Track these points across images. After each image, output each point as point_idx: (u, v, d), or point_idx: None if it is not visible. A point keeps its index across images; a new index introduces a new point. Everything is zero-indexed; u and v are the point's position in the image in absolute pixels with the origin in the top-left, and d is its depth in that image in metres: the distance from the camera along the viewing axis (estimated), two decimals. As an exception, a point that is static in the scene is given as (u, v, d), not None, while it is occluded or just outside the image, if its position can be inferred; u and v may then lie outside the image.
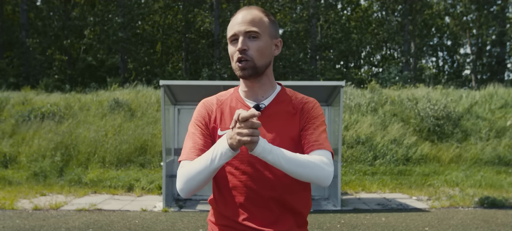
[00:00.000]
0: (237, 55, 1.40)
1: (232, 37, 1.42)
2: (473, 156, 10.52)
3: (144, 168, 9.67)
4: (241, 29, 1.39)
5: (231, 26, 1.43)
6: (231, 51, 1.43)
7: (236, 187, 1.43)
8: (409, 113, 11.96)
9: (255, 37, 1.40)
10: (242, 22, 1.40)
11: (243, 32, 1.39)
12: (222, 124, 1.46)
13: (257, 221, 1.41)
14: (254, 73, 1.41)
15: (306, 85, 6.88)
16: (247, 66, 1.39)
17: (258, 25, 1.41)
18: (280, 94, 1.50)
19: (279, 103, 1.48)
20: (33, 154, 10.05)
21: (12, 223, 5.61)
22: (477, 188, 8.20)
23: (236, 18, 1.43)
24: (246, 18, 1.41)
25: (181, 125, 7.52)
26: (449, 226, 5.62)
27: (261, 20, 1.42)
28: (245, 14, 1.42)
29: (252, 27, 1.39)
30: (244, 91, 1.49)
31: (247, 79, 1.43)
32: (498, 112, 12.46)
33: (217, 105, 1.50)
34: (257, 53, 1.40)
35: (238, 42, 1.40)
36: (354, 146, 10.74)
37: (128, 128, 10.97)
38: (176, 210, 6.51)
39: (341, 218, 6.04)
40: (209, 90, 6.75)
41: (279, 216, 1.43)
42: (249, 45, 1.39)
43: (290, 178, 1.42)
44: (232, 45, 1.43)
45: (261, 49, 1.41)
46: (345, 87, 14.12)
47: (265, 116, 1.44)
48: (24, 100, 12.88)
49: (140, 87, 14.55)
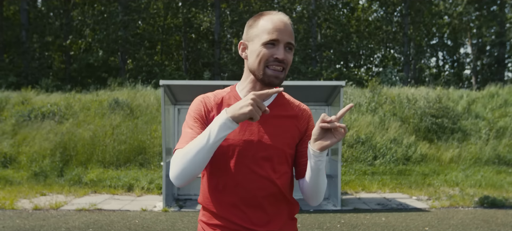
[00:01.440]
0: (273, 61, 1.39)
1: (270, 41, 1.39)
2: (473, 156, 10.52)
3: (143, 168, 9.68)
4: (285, 38, 1.39)
5: (272, 30, 1.38)
6: (264, 54, 1.39)
7: (229, 187, 1.40)
8: (408, 113, 11.97)
9: (291, 49, 1.42)
10: (285, 31, 1.39)
11: (285, 42, 1.39)
12: None
13: (250, 221, 1.39)
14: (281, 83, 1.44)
15: (306, 85, 6.88)
16: (281, 76, 1.41)
17: (293, 37, 1.44)
18: (279, 97, 1.50)
19: (278, 106, 1.48)
20: (33, 154, 10.06)
21: (12, 223, 5.61)
22: (477, 188, 8.20)
23: (277, 23, 1.39)
24: (289, 28, 1.41)
25: (181, 125, 7.52)
26: (449, 226, 5.62)
27: (293, 33, 1.45)
28: (287, 23, 1.41)
29: (292, 40, 1.41)
30: (247, 91, 1.47)
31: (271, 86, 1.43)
32: (498, 112, 12.46)
33: (214, 102, 1.47)
34: (288, 65, 1.43)
35: (275, 47, 1.39)
36: (354, 145, 10.75)
37: (128, 128, 10.97)
38: (176, 210, 6.51)
39: (341, 218, 6.04)
40: (209, 90, 6.74)
41: (273, 215, 1.43)
42: (287, 56, 1.40)
43: (283, 178, 1.43)
44: (266, 48, 1.39)
45: (291, 60, 1.44)
46: (345, 87, 14.12)
47: (264, 117, 1.44)
48: (24, 100, 12.88)
49: (139, 87, 14.55)
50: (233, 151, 1.40)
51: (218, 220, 1.43)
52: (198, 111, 1.44)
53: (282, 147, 1.42)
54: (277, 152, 1.42)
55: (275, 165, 1.42)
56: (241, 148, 1.40)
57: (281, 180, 1.43)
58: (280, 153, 1.42)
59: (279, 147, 1.42)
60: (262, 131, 1.42)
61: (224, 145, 1.40)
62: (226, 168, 1.41)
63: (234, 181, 1.40)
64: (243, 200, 1.40)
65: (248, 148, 1.40)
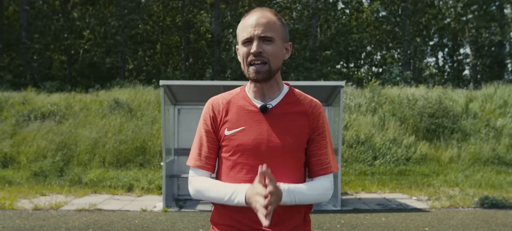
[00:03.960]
0: (251, 57, 1.39)
1: (246, 40, 1.41)
2: (472, 156, 10.52)
3: (144, 168, 9.68)
4: (256, 33, 1.39)
5: (244, 28, 1.42)
6: (243, 53, 1.42)
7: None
8: (408, 113, 11.97)
9: (270, 41, 1.40)
10: (257, 25, 1.39)
11: (258, 36, 1.39)
12: (229, 124, 1.46)
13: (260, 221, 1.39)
14: (268, 77, 1.42)
15: (306, 85, 6.88)
16: (262, 70, 1.40)
17: (272, 29, 1.41)
18: (288, 95, 1.50)
19: (287, 104, 1.48)
20: (33, 154, 10.06)
21: (12, 223, 5.61)
22: (477, 188, 8.20)
23: (250, 20, 1.41)
24: (261, 21, 1.40)
25: (181, 125, 7.52)
26: (449, 226, 5.63)
27: (275, 24, 1.42)
28: (259, 17, 1.41)
29: (267, 32, 1.39)
30: (253, 91, 1.48)
31: (259, 82, 1.43)
32: (498, 112, 12.46)
33: (223, 105, 1.49)
34: (272, 57, 1.40)
35: (251, 44, 1.39)
36: (354, 145, 10.75)
37: (128, 128, 10.98)
38: (176, 210, 6.51)
39: (341, 218, 6.04)
40: (209, 90, 6.75)
41: (283, 217, 1.42)
42: (263, 48, 1.39)
43: (294, 177, 1.44)
44: (244, 47, 1.42)
45: (275, 53, 1.41)
46: (345, 87, 14.12)
47: (273, 116, 1.44)
48: (24, 100, 12.87)
49: (140, 87, 14.54)
50: (243, 151, 1.42)
51: (228, 220, 1.45)
52: (205, 120, 1.51)
53: (292, 146, 1.42)
54: (287, 151, 1.41)
55: (285, 163, 1.42)
56: (251, 148, 1.41)
57: (291, 179, 1.42)
58: (290, 152, 1.42)
59: (288, 146, 1.41)
60: (272, 129, 1.43)
61: (233, 145, 1.43)
62: (236, 168, 1.43)
63: (246, 181, 1.41)
64: None
65: (258, 148, 1.41)
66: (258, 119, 1.44)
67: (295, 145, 1.42)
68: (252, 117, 1.45)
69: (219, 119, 1.48)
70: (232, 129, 1.45)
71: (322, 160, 1.47)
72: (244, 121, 1.45)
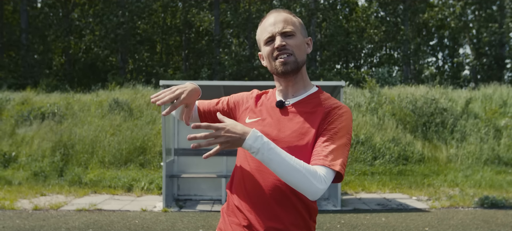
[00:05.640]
0: (276, 52, 1.43)
1: (268, 39, 1.45)
2: (472, 156, 10.52)
3: (144, 168, 9.68)
4: (277, 29, 1.43)
5: (264, 29, 1.47)
6: (267, 51, 1.46)
7: (242, 179, 1.49)
8: (408, 113, 11.97)
9: (291, 35, 1.44)
10: (276, 23, 1.44)
11: (279, 33, 1.43)
12: (251, 113, 1.56)
13: (255, 213, 1.43)
14: (295, 68, 1.44)
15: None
16: (289, 60, 1.42)
17: (291, 24, 1.45)
18: (312, 95, 1.50)
19: (306, 104, 1.47)
20: (33, 154, 10.06)
21: (12, 223, 5.61)
22: (477, 188, 8.21)
23: (268, 21, 1.46)
24: (279, 19, 1.45)
25: (181, 125, 7.52)
26: (449, 226, 5.63)
27: (292, 20, 1.47)
28: (276, 16, 1.46)
29: (287, 27, 1.43)
30: (279, 90, 1.54)
31: (288, 75, 1.45)
32: (497, 112, 12.47)
33: (255, 98, 1.60)
34: (296, 48, 1.44)
35: (274, 42, 1.43)
36: (353, 145, 10.75)
37: (128, 128, 10.97)
38: (176, 210, 6.51)
39: (341, 218, 6.04)
40: (208, 90, 6.75)
41: (278, 212, 1.41)
42: (286, 41, 1.43)
43: None
44: (267, 46, 1.46)
45: (298, 45, 1.44)
46: (345, 88, 14.12)
47: (288, 113, 1.47)
48: (24, 100, 12.87)
49: (139, 87, 14.54)
50: None
51: (232, 209, 1.52)
52: (235, 97, 1.67)
53: (295, 144, 1.40)
54: (289, 149, 1.39)
55: None
56: None
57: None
58: (292, 150, 1.39)
59: (292, 144, 1.40)
60: (281, 125, 1.45)
61: None
62: (241, 162, 1.50)
63: (246, 174, 1.47)
64: (251, 194, 1.45)
65: None
66: (273, 113, 1.50)
67: (300, 144, 1.40)
68: (270, 111, 1.51)
69: (241, 107, 1.62)
70: (252, 118, 1.53)
71: (319, 151, 1.35)
72: (262, 113, 1.52)
